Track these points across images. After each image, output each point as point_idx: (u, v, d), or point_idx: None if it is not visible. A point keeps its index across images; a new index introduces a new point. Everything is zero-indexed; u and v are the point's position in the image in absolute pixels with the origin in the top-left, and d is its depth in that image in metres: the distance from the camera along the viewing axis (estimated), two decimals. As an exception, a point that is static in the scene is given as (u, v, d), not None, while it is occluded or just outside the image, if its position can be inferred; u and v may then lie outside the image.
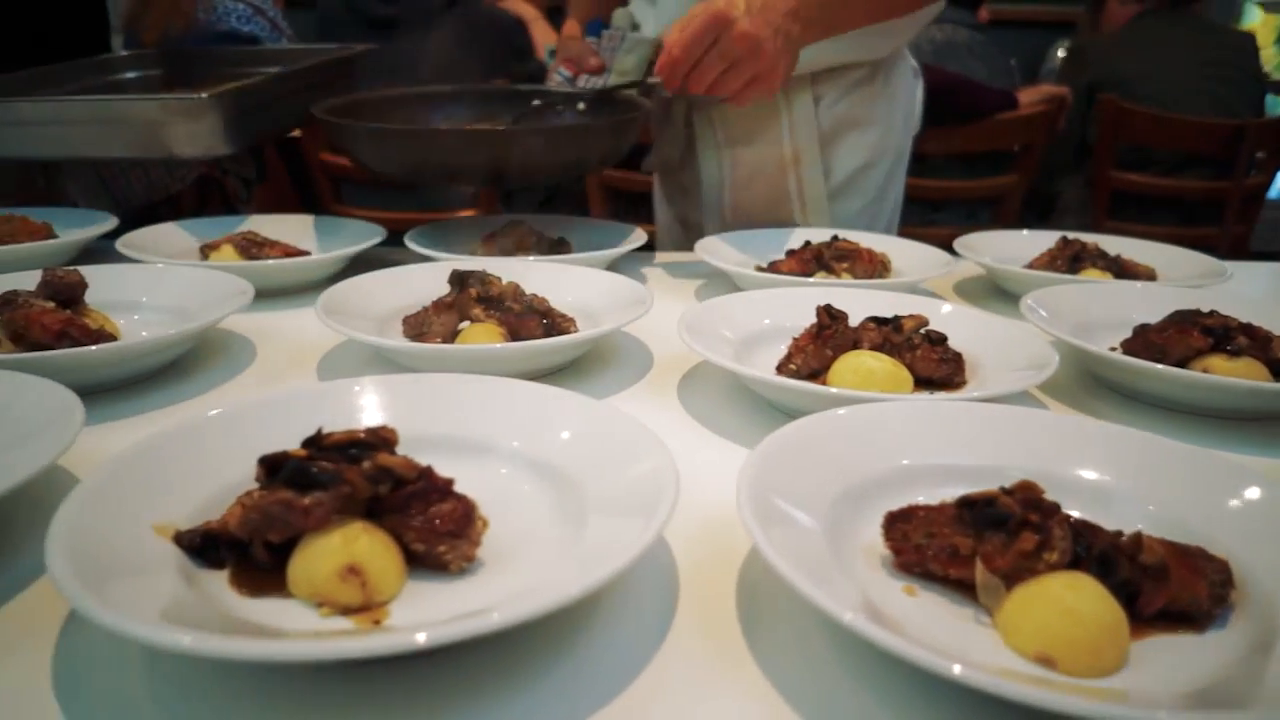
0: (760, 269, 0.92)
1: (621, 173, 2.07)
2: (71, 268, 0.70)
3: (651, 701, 0.35)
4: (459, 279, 0.73)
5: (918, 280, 0.88)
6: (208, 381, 0.67)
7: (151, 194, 1.29)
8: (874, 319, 0.67)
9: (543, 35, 3.20)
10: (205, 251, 0.94)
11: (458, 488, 0.41)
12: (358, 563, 0.38)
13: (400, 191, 2.18)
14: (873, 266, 0.92)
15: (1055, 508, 0.39)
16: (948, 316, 0.72)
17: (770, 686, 0.36)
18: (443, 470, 0.42)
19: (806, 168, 1.16)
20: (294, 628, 0.37)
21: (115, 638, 0.36)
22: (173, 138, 0.94)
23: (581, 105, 1.11)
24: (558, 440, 0.48)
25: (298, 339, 0.77)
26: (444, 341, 0.70)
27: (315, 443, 0.41)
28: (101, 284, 0.73)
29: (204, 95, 0.92)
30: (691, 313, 0.70)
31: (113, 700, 0.35)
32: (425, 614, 0.38)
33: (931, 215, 2.20)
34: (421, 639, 0.31)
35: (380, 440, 0.42)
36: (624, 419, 0.47)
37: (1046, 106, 2.05)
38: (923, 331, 0.66)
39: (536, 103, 1.12)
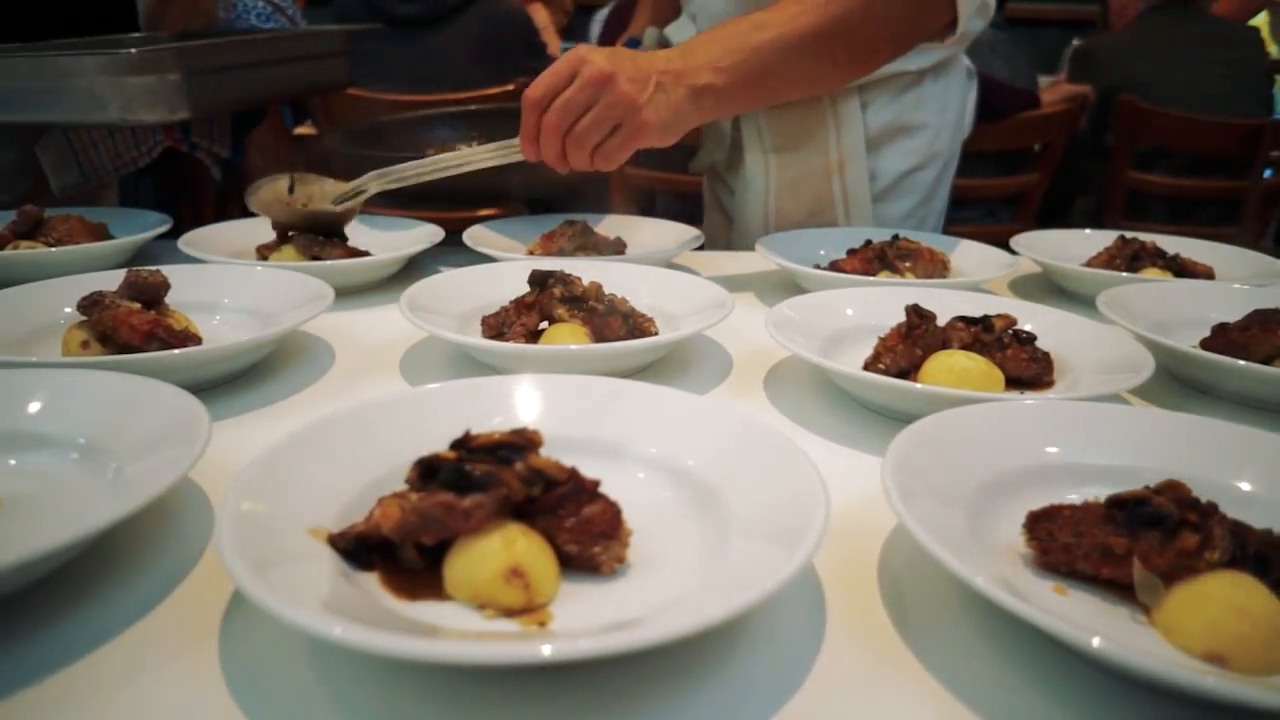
0: (819, 267, 0.93)
1: (643, 171, 2.07)
2: (154, 268, 0.69)
3: (824, 702, 0.35)
4: (540, 279, 0.73)
5: (980, 279, 0.89)
6: (295, 381, 0.67)
7: (119, 166, 1.24)
8: (962, 318, 0.67)
9: (552, 44, 3.20)
10: (262, 251, 0.94)
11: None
12: (520, 565, 0.38)
13: (421, 198, 2.17)
14: (933, 265, 0.92)
15: (1213, 507, 0.39)
16: (1026, 316, 0.72)
17: (937, 683, 0.37)
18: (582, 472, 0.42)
19: (852, 172, 1.16)
20: (460, 629, 0.37)
21: (297, 631, 0.36)
22: (131, 97, 0.88)
23: None
24: (697, 447, 0.47)
25: (370, 338, 0.77)
26: (525, 341, 0.70)
27: (464, 444, 0.41)
28: (177, 284, 0.73)
29: (163, 47, 0.89)
30: (776, 312, 0.70)
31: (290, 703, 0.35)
32: (585, 616, 0.38)
33: (951, 213, 2.20)
34: (615, 643, 0.31)
35: (527, 442, 0.42)
36: (766, 428, 0.47)
37: (1069, 105, 2.06)
38: (1011, 331, 0.67)
39: None
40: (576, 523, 0.40)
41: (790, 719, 0.34)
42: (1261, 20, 4.16)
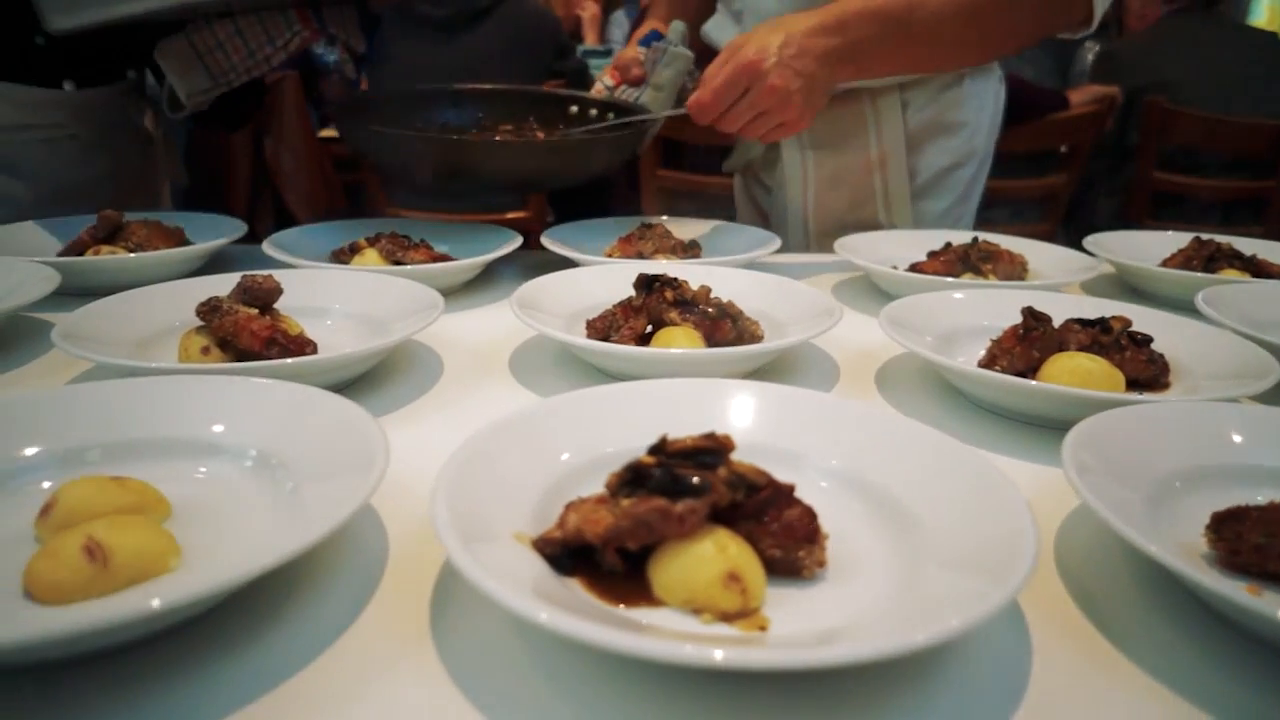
0: (894, 268, 0.93)
1: (675, 172, 2.07)
2: (266, 273, 0.69)
3: (1053, 713, 0.36)
4: (646, 282, 0.73)
5: (1063, 281, 0.89)
6: (414, 385, 0.67)
7: (250, 66, 1.14)
8: (1078, 320, 0.68)
9: (591, 36, 3.20)
10: (341, 255, 0.94)
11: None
12: (737, 569, 0.38)
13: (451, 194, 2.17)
14: (1013, 267, 0.93)
15: None
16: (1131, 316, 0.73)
17: (1159, 685, 0.37)
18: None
19: (892, 170, 1.17)
20: (694, 633, 0.37)
21: (540, 633, 0.37)
22: None
23: (611, 116, 1.12)
24: (884, 461, 0.47)
25: (472, 340, 0.77)
26: (634, 345, 0.70)
27: (661, 450, 0.41)
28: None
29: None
30: (886, 314, 0.70)
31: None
32: (797, 621, 0.38)
33: (979, 214, 2.21)
34: (871, 649, 0.31)
35: (720, 446, 0.42)
36: (954, 443, 0.46)
37: (1097, 107, 2.07)
38: (1126, 333, 0.67)
39: (574, 109, 1.17)
40: (780, 527, 0.40)
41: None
42: (1263, 20, 4.19)
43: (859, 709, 0.35)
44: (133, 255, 0.89)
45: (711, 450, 0.41)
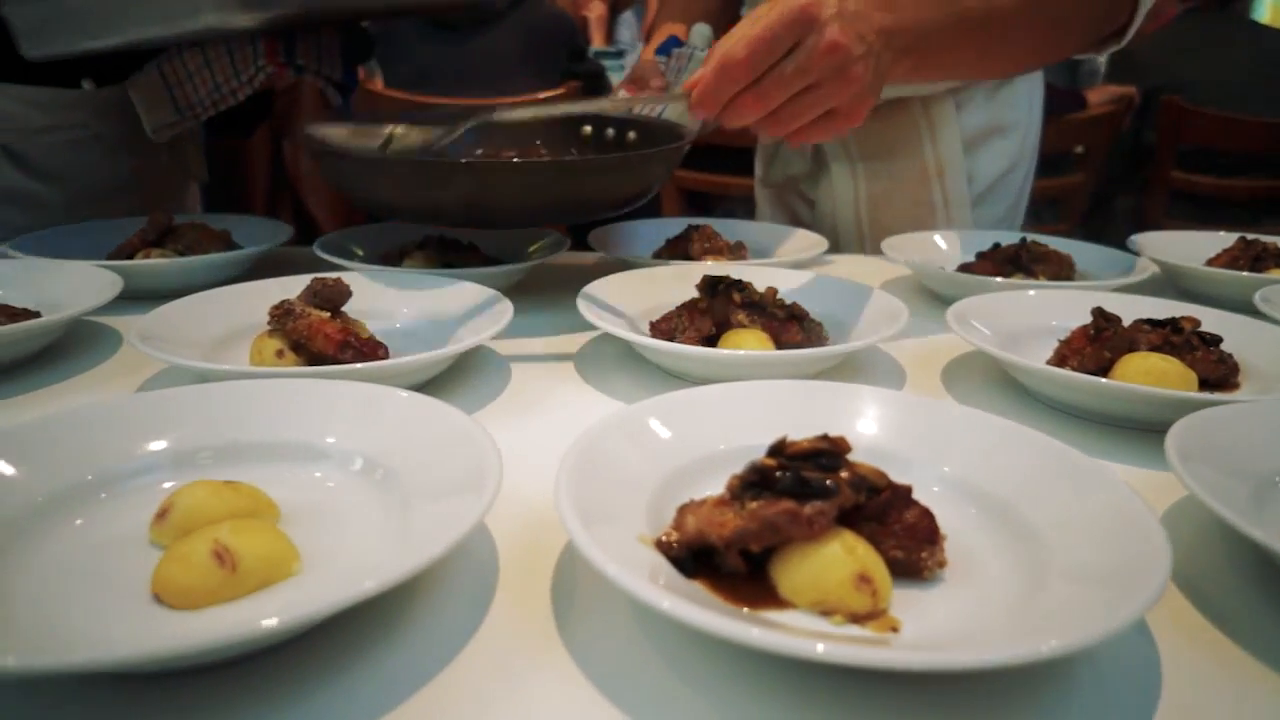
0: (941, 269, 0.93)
1: (694, 173, 2.07)
2: (335, 276, 0.69)
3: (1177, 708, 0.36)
4: (710, 284, 0.73)
5: (1113, 282, 0.89)
6: (489, 387, 0.67)
7: (216, 100, 1.11)
8: (1148, 321, 0.68)
9: (598, 38, 3.20)
10: (390, 257, 0.94)
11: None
12: (867, 570, 0.38)
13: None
14: (1061, 267, 0.93)
15: None
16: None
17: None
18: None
19: (951, 179, 1.14)
20: (834, 634, 0.37)
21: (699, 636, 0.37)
22: None
23: (632, 134, 1.03)
24: (994, 466, 0.47)
25: (531, 342, 0.77)
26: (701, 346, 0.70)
27: (780, 452, 0.41)
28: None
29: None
30: (953, 313, 0.71)
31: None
32: (924, 622, 0.38)
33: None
34: (1029, 652, 0.31)
35: (838, 448, 0.42)
36: (1071, 451, 0.46)
37: (1115, 107, 2.08)
38: (1195, 332, 0.67)
39: (587, 130, 1.05)
40: (902, 528, 0.40)
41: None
42: (1267, 17, 4.20)
43: (995, 712, 0.35)
44: (185, 259, 0.89)
45: (830, 452, 0.41)
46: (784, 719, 0.34)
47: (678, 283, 0.80)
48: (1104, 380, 0.59)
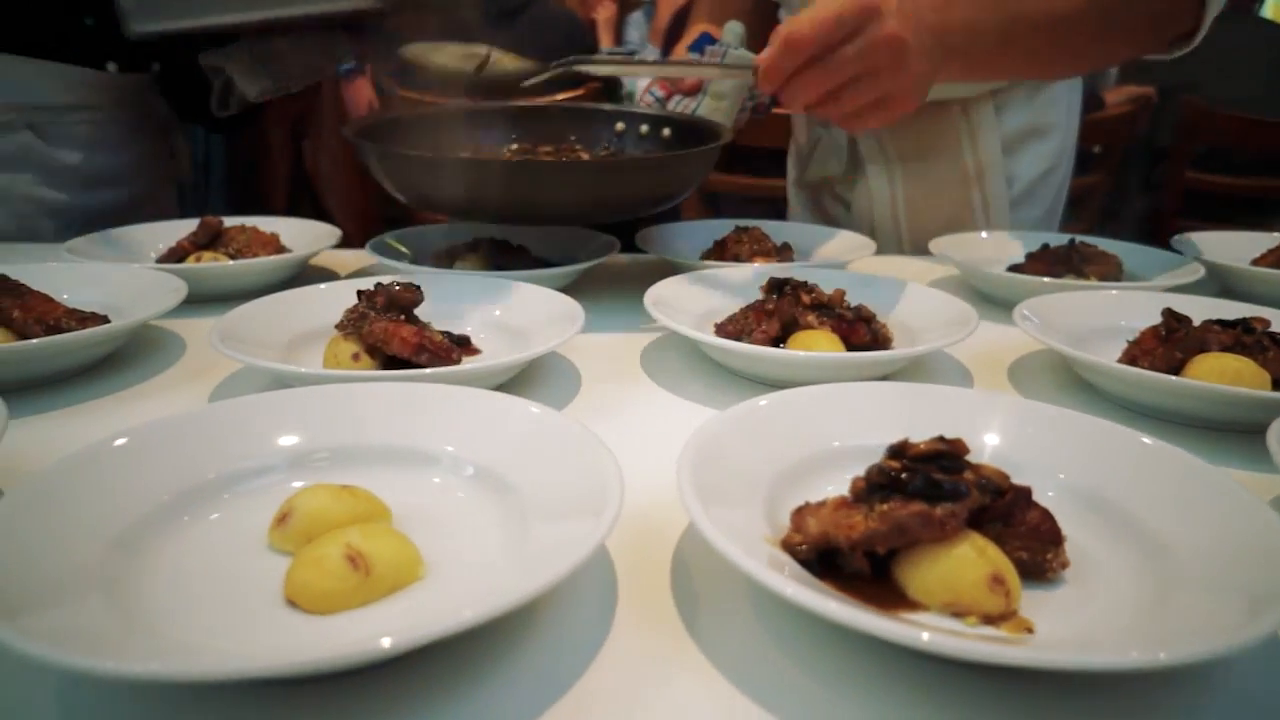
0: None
1: (722, 175, 2.07)
2: (406, 280, 0.69)
3: None
4: (777, 286, 0.73)
5: (1164, 283, 0.90)
6: (561, 389, 0.67)
7: (308, 75, 1.20)
8: (1218, 321, 0.68)
9: (606, 39, 3.19)
10: (441, 259, 0.94)
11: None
12: (999, 571, 0.38)
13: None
14: (1109, 268, 0.93)
15: None
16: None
17: None
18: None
19: (990, 181, 1.14)
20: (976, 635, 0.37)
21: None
22: None
23: (667, 131, 1.05)
24: (1109, 473, 0.47)
25: (594, 344, 0.77)
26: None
27: (902, 454, 0.41)
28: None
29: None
30: (1026, 309, 0.71)
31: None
32: (1052, 623, 0.38)
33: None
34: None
35: (957, 450, 0.42)
36: (1172, 451, 0.46)
37: (1132, 107, 2.09)
38: (1266, 332, 0.68)
39: (620, 125, 1.08)
40: (1026, 529, 0.41)
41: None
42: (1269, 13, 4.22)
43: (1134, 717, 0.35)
44: (237, 263, 0.88)
45: (951, 454, 0.41)
46: (925, 717, 0.35)
47: (739, 284, 0.80)
48: (1191, 381, 0.60)
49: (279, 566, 0.40)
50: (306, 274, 0.96)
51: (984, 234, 1.05)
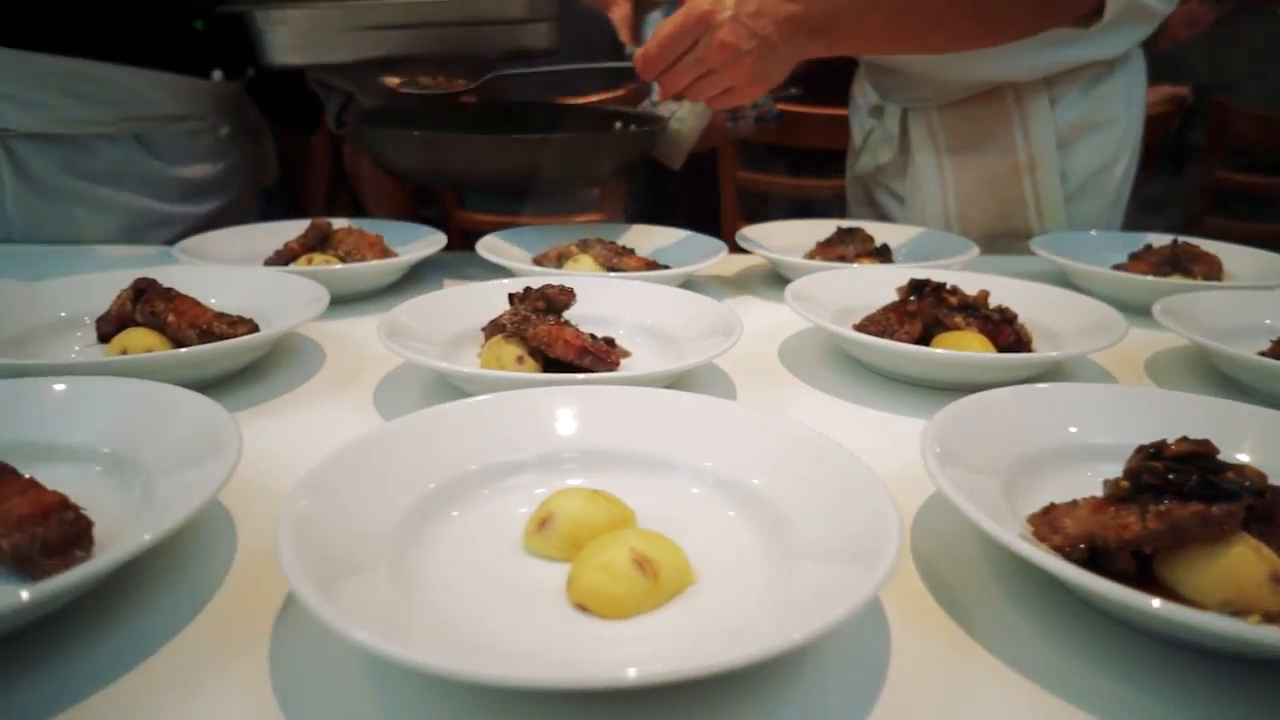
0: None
1: (756, 174, 2.08)
2: (559, 283, 0.69)
3: None
4: (918, 287, 0.74)
5: (1261, 281, 0.91)
6: (713, 391, 0.67)
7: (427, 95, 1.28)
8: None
9: (624, 34, 3.18)
10: (545, 260, 0.94)
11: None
12: (1277, 570, 0.39)
13: (520, 197, 2.16)
14: (1211, 268, 0.94)
15: None
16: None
17: None
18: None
19: (1043, 174, 1.13)
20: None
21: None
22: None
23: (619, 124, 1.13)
24: None
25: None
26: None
27: (1159, 455, 0.42)
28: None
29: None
30: (1164, 306, 0.72)
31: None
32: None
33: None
34: None
35: (1207, 450, 0.42)
36: None
37: (1168, 107, 2.11)
38: None
39: (618, 126, 1.16)
40: (1289, 529, 0.41)
41: None
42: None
43: None
44: (346, 266, 0.88)
45: (1205, 454, 0.42)
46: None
47: (876, 283, 0.80)
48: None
49: (542, 569, 0.41)
50: (410, 275, 0.96)
51: (1093, 233, 1.06)
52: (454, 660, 0.29)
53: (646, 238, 1.02)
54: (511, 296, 0.69)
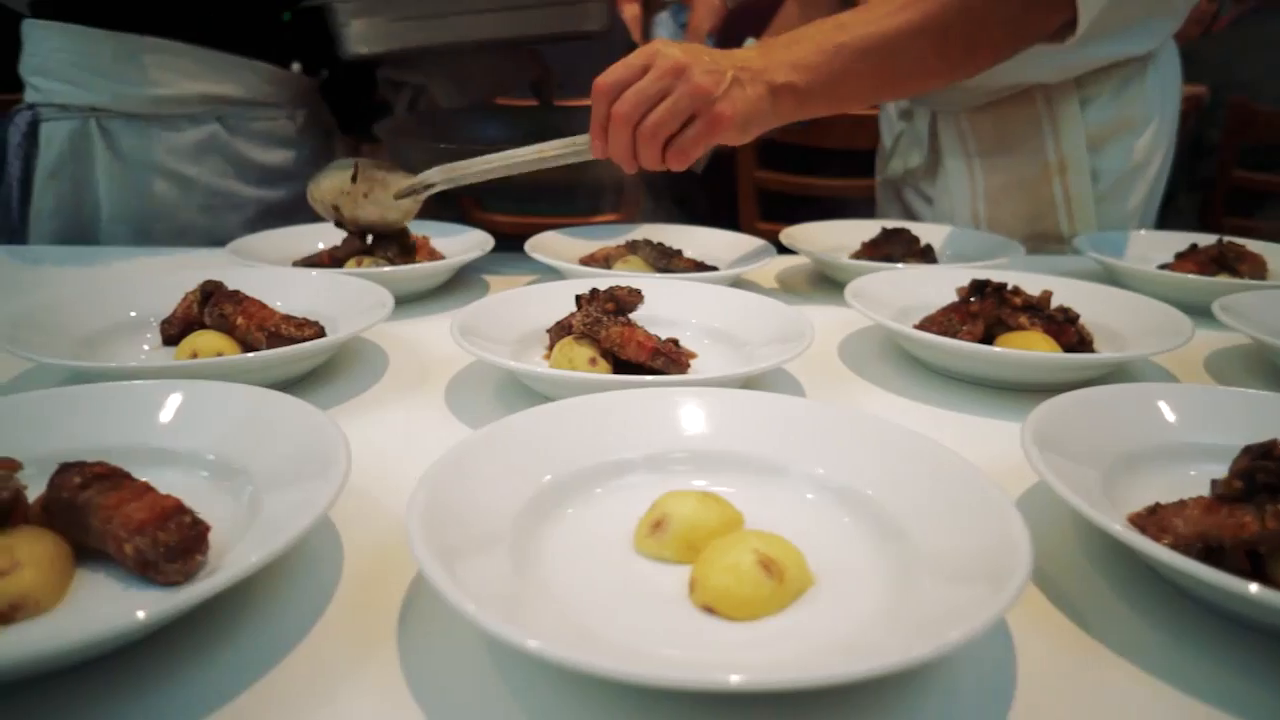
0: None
1: (774, 173, 2.08)
2: (627, 285, 0.69)
3: None
4: (979, 287, 0.74)
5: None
6: (787, 390, 0.67)
7: (497, 90, 1.37)
8: None
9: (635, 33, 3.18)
10: (592, 260, 0.94)
11: None
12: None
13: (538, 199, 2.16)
14: (1258, 267, 0.95)
15: None
16: None
17: None
18: None
19: (1074, 176, 1.13)
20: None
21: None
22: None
23: None
24: None
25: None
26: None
27: (1271, 454, 0.42)
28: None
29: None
30: (1223, 305, 0.72)
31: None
32: None
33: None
34: None
35: (1306, 451, 0.43)
36: None
37: (1186, 107, 2.11)
38: None
39: None
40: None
41: None
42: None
43: None
44: (408, 267, 0.87)
45: (1305, 455, 0.42)
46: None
47: (930, 283, 0.81)
48: None
49: (657, 570, 0.41)
50: (458, 277, 0.96)
51: (1139, 231, 1.06)
52: (617, 663, 0.29)
53: (689, 237, 1.02)
54: (579, 298, 0.69)
